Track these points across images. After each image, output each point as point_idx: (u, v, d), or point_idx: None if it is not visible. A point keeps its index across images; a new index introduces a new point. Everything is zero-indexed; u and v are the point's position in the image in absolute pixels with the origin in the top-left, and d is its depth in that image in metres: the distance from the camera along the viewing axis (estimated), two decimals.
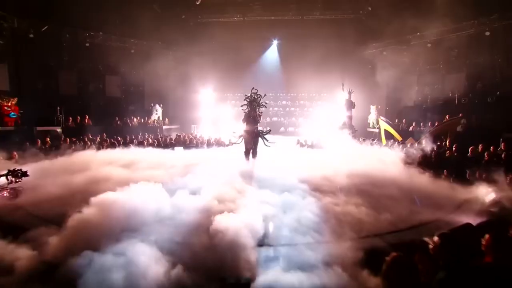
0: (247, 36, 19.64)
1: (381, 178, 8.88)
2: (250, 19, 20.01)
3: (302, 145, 15.84)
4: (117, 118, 17.70)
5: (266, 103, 10.82)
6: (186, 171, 9.62)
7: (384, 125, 16.78)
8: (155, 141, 15.87)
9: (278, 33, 20.28)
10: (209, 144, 16.34)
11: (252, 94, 10.71)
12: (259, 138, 10.73)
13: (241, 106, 10.89)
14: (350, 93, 17.31)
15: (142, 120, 18.60)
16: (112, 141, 15.20)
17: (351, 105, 17.33)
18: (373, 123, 18.42)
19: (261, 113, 10.81)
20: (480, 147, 11.46)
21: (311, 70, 19.28)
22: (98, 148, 13.43)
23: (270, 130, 10.63)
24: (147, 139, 16.17)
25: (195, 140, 16.55)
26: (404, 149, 12.82)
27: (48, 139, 13.41)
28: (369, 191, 7.71)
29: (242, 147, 11.11)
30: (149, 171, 9.39)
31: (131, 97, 19.54)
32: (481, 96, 15.27)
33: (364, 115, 18.62)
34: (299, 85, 20.67)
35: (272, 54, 20.63)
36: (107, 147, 14.22)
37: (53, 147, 12.74)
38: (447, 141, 13.16)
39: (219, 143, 16.51)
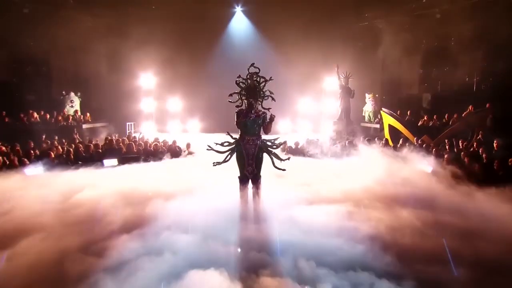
0: None
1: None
2: None
3: (289, 151, 11.56)
4: (4, 113, 11.72)
5: (272, 93, 6.34)
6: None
7: (388, 119, 13.41)
8: (70, 150, 10.31)
9: None
10: (157, 153, 11.29)
11: (252, 76, 6.12)
12: (264, 154, 6.28)
13: (230, 96, 6.24)
14: (347, 77, 13.65)
15: (48, 116, 12.63)
16: None
17: (349, 93, 13.65)
18: (369, 116, 14.96)
19: (268, 111, 6.28)
20: None
21: (285, 48, 15.18)
22: None
23: (284, 142, 6.19)
24: (57, 147, 10.52)
25: (134, 146, 11.30)
26: (446, 156, 9.33)
27: None
28: None
29: (228, 165, 6.56)
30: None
31: (28, 80, 13.21)
32: (505, 80, 12.56)
33: (357, 106, 14.91)
34: (270, 68, 16.26)
35: (238, 25, 15.83)
36: None
37: None
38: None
39: (172, 151, 11.59)
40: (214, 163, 6.27)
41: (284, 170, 6.27)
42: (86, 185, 7.60)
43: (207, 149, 6.38)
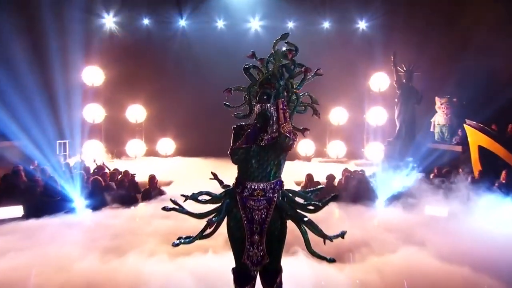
0: None
1: None
2: None
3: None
4: None
5: (316, 102, 3.49)
6: None
7: (478, 138, 10.36)
8: None
9: None
10: (97, 188, 7.98)
11: (280, 58, 3.19)
12: (286, 223, 3.28)
13: (226, 92, 3.39)
14: (410, 72, 11.23)
15: None
16: None
17: (413, 97, 11.35)
18: (442, 132, 11.72)
19: (304, 134, 3.36)
20: None
21: (310, 25, 13.24)
22: None
23: (335, 196, 3.13)
24: None
25: (58, 185, 7.91)
26: None
27: None
28: None
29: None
30: None
31: None
32: None
33: (422, 116, 12.25)
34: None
35: None
36: None
37: None
38: None
39: (129, 185, 8.47)
40: (176, 241, 3.28)
41: (333, 261, 3.29)
42: None
43: (167, 209, 3.34)
